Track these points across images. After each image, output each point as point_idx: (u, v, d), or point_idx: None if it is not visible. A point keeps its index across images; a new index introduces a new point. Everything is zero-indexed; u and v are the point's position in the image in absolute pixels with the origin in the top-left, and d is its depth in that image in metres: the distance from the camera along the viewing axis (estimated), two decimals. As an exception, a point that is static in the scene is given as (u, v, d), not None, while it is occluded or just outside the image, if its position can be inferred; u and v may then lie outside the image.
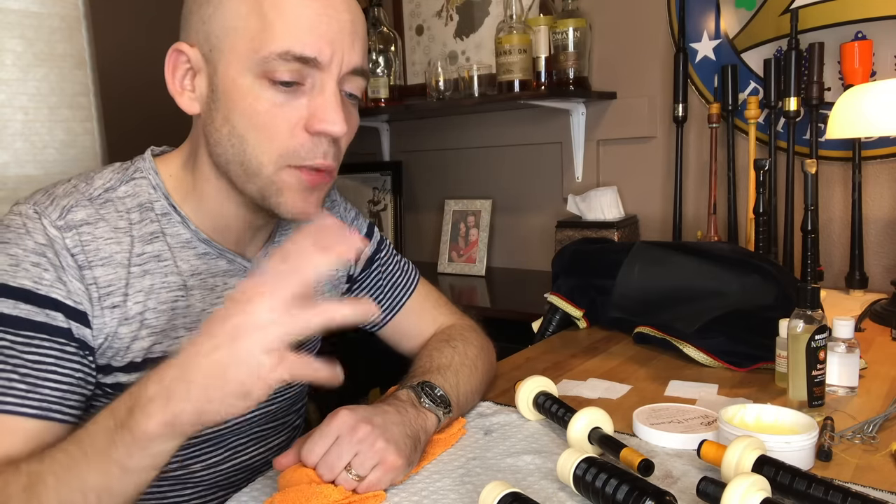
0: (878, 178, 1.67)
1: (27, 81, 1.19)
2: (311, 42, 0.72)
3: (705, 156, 1.88)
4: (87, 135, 1.27)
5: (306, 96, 0.75)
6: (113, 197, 0.79)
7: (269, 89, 0.73)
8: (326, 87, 0.74)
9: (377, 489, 0.71)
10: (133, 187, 0.81)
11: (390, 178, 2.54)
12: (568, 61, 1.94)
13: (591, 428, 0.79)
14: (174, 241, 0.81)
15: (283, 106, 0.74)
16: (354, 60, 0.76)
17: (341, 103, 0.76)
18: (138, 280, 0.77)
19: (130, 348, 0.77)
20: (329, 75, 0.74)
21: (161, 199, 0.81)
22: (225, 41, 0.74)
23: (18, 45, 1.18)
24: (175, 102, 0.78)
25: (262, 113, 0.74)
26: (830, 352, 0.95)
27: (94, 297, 0.74)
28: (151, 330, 0.78)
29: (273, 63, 0.72)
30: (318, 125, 0.74)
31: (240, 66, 0.73)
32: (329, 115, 0.74)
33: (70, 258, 0.73)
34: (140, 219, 0.79)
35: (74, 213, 0.75)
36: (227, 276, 0.84)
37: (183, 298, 0.80)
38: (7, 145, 1.18)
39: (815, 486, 0.64)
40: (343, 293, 1.03)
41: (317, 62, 0.73)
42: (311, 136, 0.75)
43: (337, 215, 1.02)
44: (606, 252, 1.43)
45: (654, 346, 1.23)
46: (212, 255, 0.83)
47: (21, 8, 1.17)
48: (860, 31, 1.63)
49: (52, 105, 1.22)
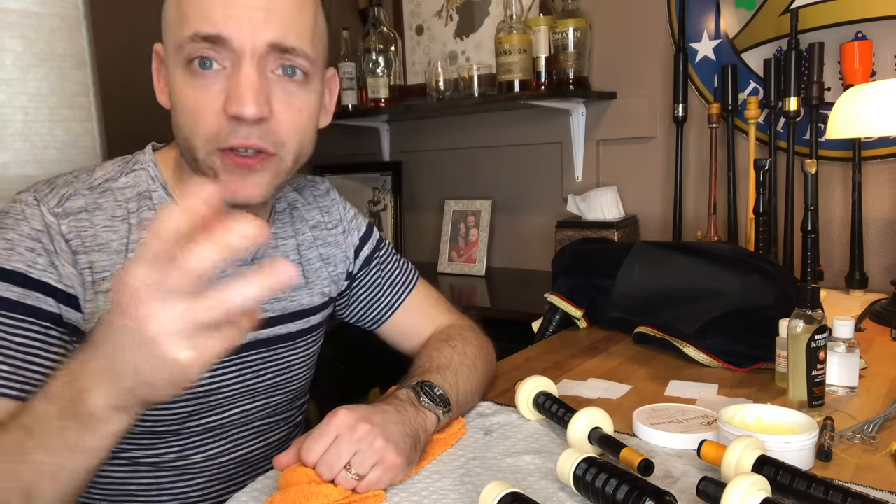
0: (878, 178, 1.67)
1: (27, 81, 1.19)
2: (217, 20, 0.72)
3: (705, 156, 1.88)
4: (87, 135, 1.27)
5: (223, 78, 0.75)
6: (112, 187, 0.82)
7: (190, 76, 0.75)
8: (240, 69, 0.74)
9: (377, 488, 0.71)
10: (133, 178, 0.83)
11: (390, 178, 2.54)
12: (568, 61, 1.94)
13: (591, 428, 0.79)
14: None
15: (203, 90, 0.75)
16: (270, 37, 0.74)
17: (261, 85, 0.74)
18: None
19: None
20: (243, 56, 0.73)
21: (159, 188, 0.84)
22: (167, 35, 0.78)
23: (18, 45, 1.18)
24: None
25: (188, 99, 0.75)
26: (830, 352, 0.95)
27: (88, 281, 0.76)
28: None
29: (187, 48, 0.74)
30: (229, 107, 0.73)
31: (172, 59, 0.76)
32: (240, 98, 0.73)
33: (64, 243, 0.76)
34: (138, 207, 0.82)
35: (73, 201, 0.78)
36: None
37: None
38: (7, 145, 1.18)
39: (815, 486, 0.64)
40: (343, 291, 1.03)
41: (223, 40, 0.73)
42: (229, 120, 0.74)
43: (336, 214, 1.03)
44: (606, 252, 1.43)
45: (654, 346, 1.23)
46: None
47: (21, 8, 1.17)
48: (860, 31, 1.63)
49: (52, 105, 1.22)
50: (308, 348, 0.98)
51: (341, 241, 1.01)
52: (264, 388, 0.92)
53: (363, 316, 1.06)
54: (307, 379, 1.00)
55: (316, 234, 0.99)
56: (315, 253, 0.98)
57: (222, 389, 0.87)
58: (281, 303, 0.92)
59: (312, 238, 0.98)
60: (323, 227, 1.00)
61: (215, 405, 0.87)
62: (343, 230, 1.02)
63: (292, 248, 0.95)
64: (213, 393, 0.86)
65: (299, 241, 0.96)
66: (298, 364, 0.96)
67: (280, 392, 0.95)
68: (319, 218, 1.00)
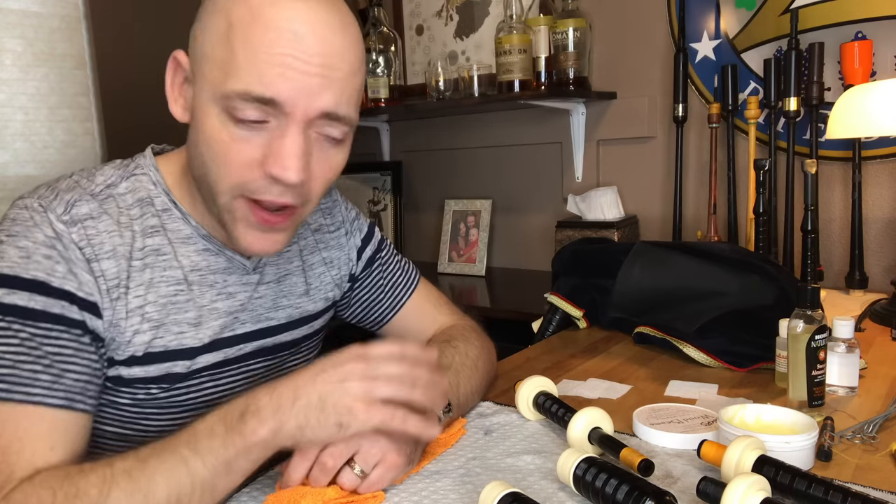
0: (878, 178, 1.67)
1: (27, 81, 1.19)
2: (272, 84, 0.70)
3: (705, 156, 1.88)
4: (87, 135, 1.27)
5: (268, 134, 0.72)
6: (114, 193, 0.80)
7: (230, 123, 0.72)
8: (287, 131, 0.72)
9: (377, 488, 0.71)
10: (133, 183, 0.81)
11: (390, 178, 2.54)
12: (568, 61, 1.94)
13: (591, 428, 0.79)
14: (175, 237, 0.81)
15: (243, 141, 0.72)
16: (324, 105, 0.72)
17: (306, 149, 0.73)
18: (139, 273, 0.78)
19: (132, 342, 0.77)
20: (292, 119, 0.71)
21: (161, 194, 0.82)
22: (203, 64, 0.73)
23: (18, 45, 1.18)
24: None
25: (222, 144, 0.73)
26: (830, 352, 0.95)
27: (104, 289, 0.75)
28: (152, 324, 0.78)
29: (234, 101, 0.71)
30: (270, 168, 0.72)
31: (209, 94, 0.73)
32: (284, 162, 0.72)
33: (78, 251, 0.74)
34: (140, 213, 0.80)
35: (78, 208, 0.76)
36: (227, 273, 0.85)
37: (183, 293, 0.81)
38: (7, 145, 1.18)
39: (815, 486, 0.64)
40: (345, 292, 1.03)
41: (275, 103, 0.70)
42: (264, 175, 0.73)
43: (339, 216, 1.02)
44: (606, 252, 1.43)
45: (654, 346, 1.23)
46: (212, 252, 0.83)
47: (21, 8, 1.17)
48: (860, 31, 1.63)
49: (52, 105, 1.22)
50: (310, 352, 0.98)
51: (344, 244, 1.01)
52: None
53: (365, 317, 1.06)
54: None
55: (318, 237, 0.99)
56: (318, 257, 0.97)
57: (227, 398, 0.86)
58: (286, 310, 0.91)
59: (315, 242, 0.98)
60: (325, 230, 1.00)
61: None
62: (346, 232, 1.02)
63: (295, 254, 0.94)
64: (220, 401, 0.84)
65: (301, 246, 0.96)
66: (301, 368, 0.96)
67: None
68: (322, 221, 1.00)
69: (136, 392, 0.79)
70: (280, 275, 0.91)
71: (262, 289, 0.89)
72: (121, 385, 0.78)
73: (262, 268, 0.89)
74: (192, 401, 0.83)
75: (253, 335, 0.87)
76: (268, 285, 0.90)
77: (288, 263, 0.93)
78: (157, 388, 0.80)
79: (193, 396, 0.83)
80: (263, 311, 0.89)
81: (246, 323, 0.87)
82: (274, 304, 0.90)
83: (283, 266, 0.92)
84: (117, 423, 0.81)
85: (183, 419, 0.83)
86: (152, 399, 0.80)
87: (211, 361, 0.83)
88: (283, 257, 0.92)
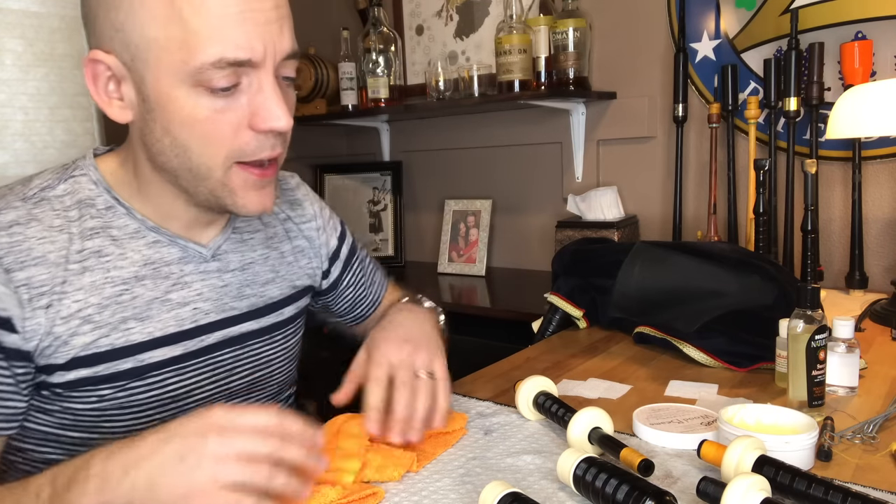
0: (878, 178, 1.67)
1: (27, 81, 1.19)
2: (243, 43, 0.70)
3: (705, 156, 1.88)
4: (87, 135, 1.27)
5: (245, 95, 0.73)
6: (49, 196, 0.78)
7: (206, 97, 0.71)
8: (264, 83, 0.73)
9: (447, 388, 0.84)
10: (72, 185, 0.80)
11: (390, 178, 2.54)
12: (568, 61, 1.94)
13: (591, 428, 0.79)
14: (121, 233, 0.80)
15: (223, 111, 0.72)
16: (286, 47, 0.74)
17: (280, 93, 0.74)
18: (77, 277, 0.76)
19: (70, 344, 0.75)
20: (265, 71, 0.73)
21: (103, 193, 0.80)
22: (147, 52, 0.70)
23: (18, 45, 1.18)
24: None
25: (203, 120, 0.72)
26: (830, 352, 0.95)
27: (24, 298, 0.73)
28: (95, 325, 0.76)
29: (207, 73, 0.70)
30: (262, 124, 0.73)
31: (171, 78, 0.71)
32: (273, 112, 0.73)
33: None
34: (79, 215, 0.78)
35: (4, 215, 0.74)
36: (182, 262, 0.83)
37: (128, 291, 0.79)
38: (7, 145, 1.18)
39: (815, 486, 0.64)
40: (325, 290, 1.03)
41: (251, 62, 0.71)
42: (256, 134, 0.74)
43: (309, 209, 1.01)
44: (606, 252, 1.43)
45: (654, 346, 1.23)
46: (163, 244, 0.82)
47: (21, 8, 1.17)
48: (860, 31, 1.63)
49: (52, 105, 1.22)
50: (286, 341, 0.96)
51: (315, 238, 1.01)
52: (242, 387, 0.90)
53: (348, 313, 1.08)
54: (291, 371, 0.99)
55: (288, 227, 0.98)
56: (288, 246, 0.97)
57: (193, 393, 0.84)
58: (249, 299, 0.89)
59: (284, 231, 0.97)
60: (294, 220, 0.99)
61: (189, 410, 0.83)
62: (318, 227, 1.01)
63: (260, 242, 0.93)
64: (185, 397, 0.84)
65: (269, 235, 0.95)
66: (279, 357, 0.94)
67: (260, 388, 0.93)
68: (290, 212, 0.99)
69: (86, 395, 0.77)
70: (245, 262, 0.90)
71: (227, 276, 0.87)
72: (69, 389, 0.76)
73: (223, 255, 0.87)
74: (155, 398, 0.81)
75: (216, 325, 0.85)
76: (233, 273, 0.88)
77: (252, 251, 0.91)
78: (108, 389, 0.78)
79: (157, 394, 0.81)
80: (228, 301, 0.87)
81: (210, 313, 0.85)
82: (238, 292, 0.88)
83: (248, 254, 0.90)
84: (80, 428, 0.79)
85: (150, 417, 0.81)
86: (108, 401, 0.78)
87: (169, 356, 0.81)
88: (246, 244, 0.91)
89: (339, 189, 2.58)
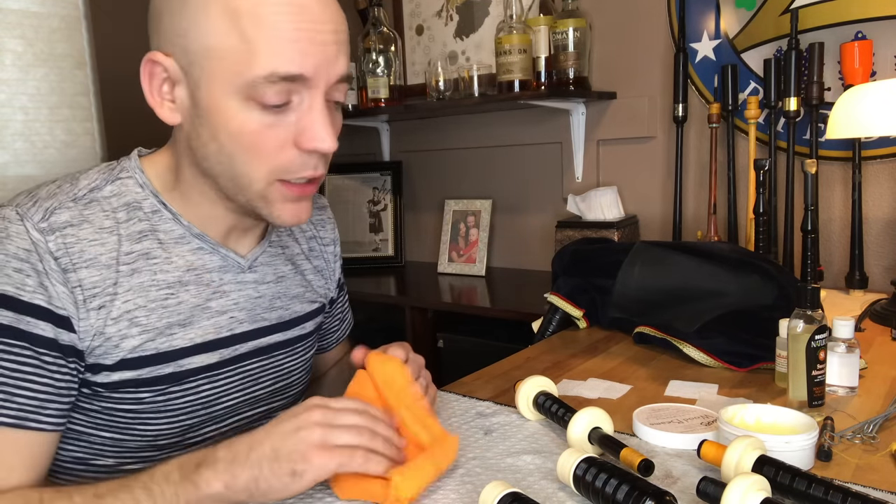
0: (878, 178, 1.67)
1: (27, 81, 1.19)
2: (296, 59, 0.71)
3: (705, 156, 1.88)
4: (87, 135, 1.27)
5: (294, 113, 0.74)
6: (98, 197, 0.78)
7: (257, 111, 0.73)
8: (314, 103, 0.74)
9: None
10: (119, 186, 0.80)
11: (390, 178, 2.54)
12: (568, 61, 1.94)
13: (591, 428, 0.79)
14: (167, 238, 0.81)
15: (273, 126, 0.73)
16: (340, 70, 0.75)
17: (329, 116, 0.75)
18: (126, 279, 0.77)
19: (120, 346, 0.76)
20: (316, 90, 0.74)
21: (150, 196, 0.81)
22: (205, 60, 0.72)
23: (18, 45, 1.18)
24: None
25: (251, 133, 0.73)
26: (830, 352, 0.95)
27: (80, 299, 0.74)
28: (142, 328, 0.78)
29: (260, 87, 0.71)
30: (308, 144, 0.74)
31: (224, 88, 0.72)
32: (319, 133, 0.74)
33: (53, 262, 0.72)
34: (127, 217, 0.79)
35: (58, 215, 0.75)
36: (222, 271, 0.85)
37: (173, 296, 0.80)
38: (7, 145, 1.18)
39: (815, 486, 0.64)
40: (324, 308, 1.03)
41: (303, 78, 0.72)
42: (300, 152, 0.75)
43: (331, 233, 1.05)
44: (606, 252, 1.43)
45: (654, 346, 1.23)
46: (206, 251, 0.83)
47: (21, 8, 1.17)
48: (860, 31, 1.63)
49: (52, 105, 1.22)
50: (304, 353, 0.98)
51: (331, 261, 1.04)
52: (265, 396, 0.92)
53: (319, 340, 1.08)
54: (304, 382, 1.01)
55: (312, 245, 1.01)
56: (310, 265, 0.99)
57: (223, 399, 0.86)
58: (278, 311, 0.91)
59: (309, 249, 1.00)
60: (319, 241, 1.02)
61: (217, 415, 0.86)
62: (334, 254, 1.05)
63: (291, 257, 0.96)
64: (215, 403, 0.85)
65: (297, 251, 0.97)
66: (298, 369, 0.97)
67: (279, 398, 0.95)
68: (314, 232, 1.02)
69: (126, 397, 0.78)
70: (278, 275, 0.92)
71: (262, 288, 0.89)
72: (110, 390, 0.77)
73: (259, 267, 0.89)
74: (188, 403, 0.83)
75: (249, 335, 0.87)
76: (267, 285, 0.90)
77: (283, 266, 0.94)
78: (148, 392, 0.79)
79: (190, 399, 0.83)
80: (260, 312, 0.89)
81: (244, 322, 0.87)
82: (270, 304, 0.90)
83: (280, 268, 0.93)
84: (112, 429, 0.80)
85: (181, 422, 0.83)
86: (146, 403, 0.79)
87: (206, 363, 0.83)
88: (279, 258, 0.93)
89: (339, 189, 2.58)
